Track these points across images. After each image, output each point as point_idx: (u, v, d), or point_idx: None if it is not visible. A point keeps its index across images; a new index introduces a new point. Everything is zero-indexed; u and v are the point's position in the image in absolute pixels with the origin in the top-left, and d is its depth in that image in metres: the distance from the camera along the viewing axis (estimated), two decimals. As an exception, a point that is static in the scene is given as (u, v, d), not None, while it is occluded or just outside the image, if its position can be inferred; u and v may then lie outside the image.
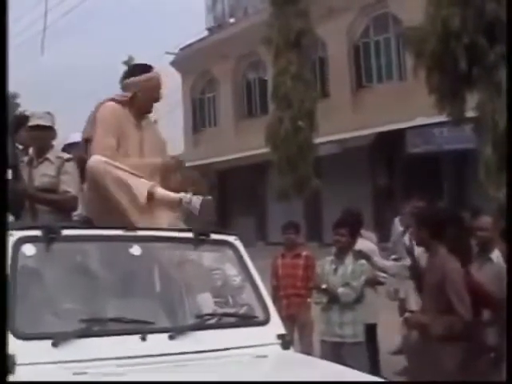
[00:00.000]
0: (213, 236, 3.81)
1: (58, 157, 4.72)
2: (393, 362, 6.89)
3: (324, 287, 5.92)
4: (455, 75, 12.24)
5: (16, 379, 2.91)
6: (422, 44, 12.75)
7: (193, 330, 3.41)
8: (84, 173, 4.04)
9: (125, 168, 3.82)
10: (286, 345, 3.60)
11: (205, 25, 29.99)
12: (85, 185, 4.51)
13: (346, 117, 20.99)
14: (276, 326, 3.64)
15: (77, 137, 6.52)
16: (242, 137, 25.21)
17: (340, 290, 5.81)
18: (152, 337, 3.28)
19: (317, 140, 19.70)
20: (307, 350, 6.41)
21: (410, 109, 17.99)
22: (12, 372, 2.91)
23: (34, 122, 4.70)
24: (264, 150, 20.41)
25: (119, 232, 3.62)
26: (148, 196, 3.80)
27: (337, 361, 4.48)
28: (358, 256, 6.04)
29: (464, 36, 11.96)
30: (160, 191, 3.86)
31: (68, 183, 4.58)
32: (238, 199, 26.47)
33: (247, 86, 27.86)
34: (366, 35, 22.79)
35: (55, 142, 4.98)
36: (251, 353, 3.40)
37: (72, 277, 3.53)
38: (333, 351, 5.73)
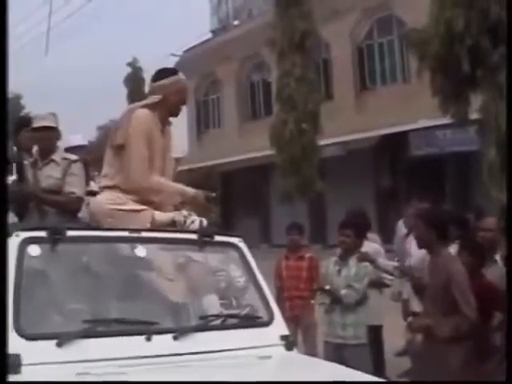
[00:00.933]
0: (217, 238, 3.83)
1: (65, 158, 4.72)
2: (398, 364, 6.88)
3: (327, 288, 5.91)
4: (459, 77, 12.22)
5: (20, 379, 2.92)
6: (426, 46, 12.73)
7: (197, 331, 3.42)
8: (89, 175, 4.08)
9: (127, 208, 3.95)
10: (290, 346, 3.61)
11: (209, 27, 30.10)
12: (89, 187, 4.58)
13: (350, 119, 20.98)
14: (280, 327, 3.64)
15: (78, 139, 6.55)
16: (246, 138, 25.21)
17: (343, 292, 5.80)
18: (156, 337, 3.29)
19: (321, 142, 19.71)
20: (311, 352, 6.39)
21: (414, 111, 17.99)
22: (17, 372, 2.92)
23: (39, 124, 4.69)
24: (268, 152, 20.43)
25: (124, 233, 3.64)
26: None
27: (340, 362, 4.47)
28: (362, 258, 6.03)
29: (467, 38, 11.93)
30: (158, 217, 3.99)
31: (73, 184, 4.59)
32: (242, 201, 26.47)
33: (251, 88, 27.88)
34: (370, 37, 22.81)
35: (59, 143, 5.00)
36: (255, 354, 3.41)
37: (77, 277, 3.54)
38: (335, 352, 5.71)
